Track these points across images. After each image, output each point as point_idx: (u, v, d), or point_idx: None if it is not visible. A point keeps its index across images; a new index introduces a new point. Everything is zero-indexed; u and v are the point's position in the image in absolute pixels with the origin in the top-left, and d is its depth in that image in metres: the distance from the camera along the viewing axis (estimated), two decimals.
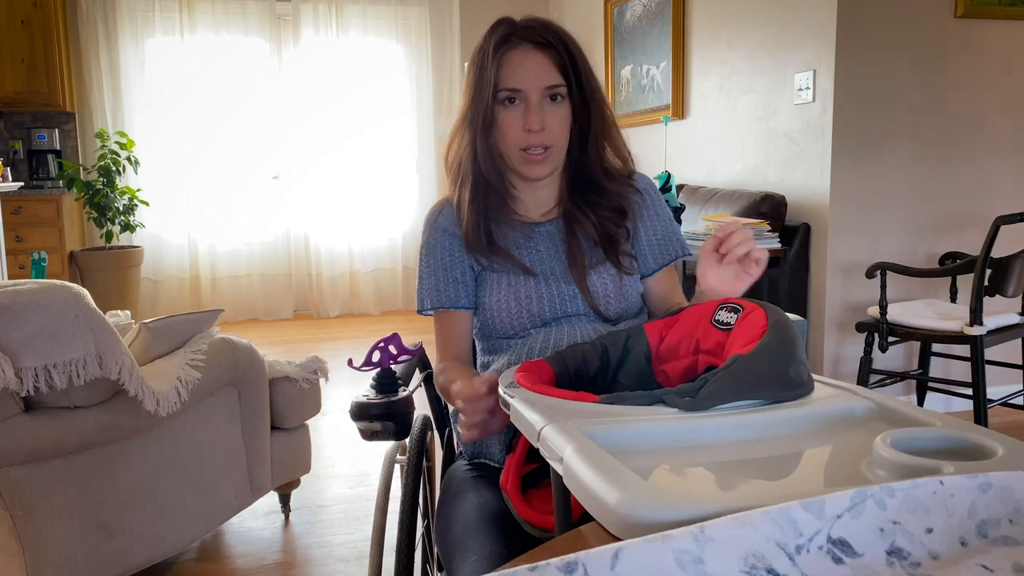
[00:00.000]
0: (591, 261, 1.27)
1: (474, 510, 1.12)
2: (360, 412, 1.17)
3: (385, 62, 5.68)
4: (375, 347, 1.24)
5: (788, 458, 0.73)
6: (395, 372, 1.21)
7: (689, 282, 2.97)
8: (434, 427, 1.48)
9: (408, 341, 1.35)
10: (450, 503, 1.20)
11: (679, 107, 4.14)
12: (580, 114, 1.24)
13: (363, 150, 5.67)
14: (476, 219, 1.26)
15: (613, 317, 1.27)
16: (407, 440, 1.35)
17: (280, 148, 5.53)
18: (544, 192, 1.31)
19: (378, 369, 1.20)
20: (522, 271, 1.26)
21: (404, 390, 1.26)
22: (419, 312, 1.32)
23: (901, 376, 3.09)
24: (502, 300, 1.25)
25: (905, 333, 2.79)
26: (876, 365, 3.02)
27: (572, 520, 0.79)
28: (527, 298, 1.25)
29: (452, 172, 1.29)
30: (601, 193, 1.29)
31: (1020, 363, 2.97)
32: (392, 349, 1.27)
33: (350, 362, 1.29)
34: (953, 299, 3.08)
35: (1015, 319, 2.77)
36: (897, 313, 2.83)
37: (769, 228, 2.90)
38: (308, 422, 2.41)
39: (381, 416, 1.17)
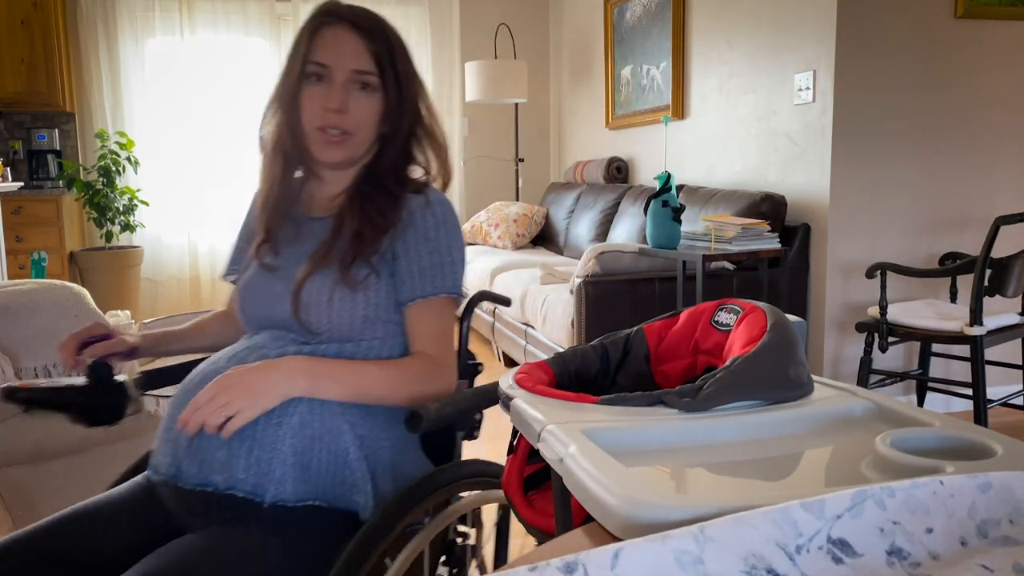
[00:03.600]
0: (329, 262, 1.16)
1: None
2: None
3: None
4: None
5: (788, 458, 0.73)
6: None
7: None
8: None
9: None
10: None
11: (679, 107, 4.14)
12: (392, 113, 1.18)
13: None
14: (271, 204, 1.23)
15: (317, 330, 1.14)
16: None
17: None
18: (331, 187, 1.23)
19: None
20: (262, 268, 1.22)
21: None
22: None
23: (901, 376, 3.09)
24: (238, 291, 1.27)
25: (905, 333, 2.79)
26: (876, 365, 3.02)
27: (572, 521, 0.79)
28: (248, 290, 1.23)
29: (264, 153, 1.24)
30: (385, 201, 1.18)
31: (1020, 363, 2.97)
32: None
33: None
34: (953, 299, 3.09)
35: (1015, 319, 2.77)
36: (897, 313, 2.83)
37: (769, 228, 2.90)
38: None
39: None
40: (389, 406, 1.14)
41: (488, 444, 2.92)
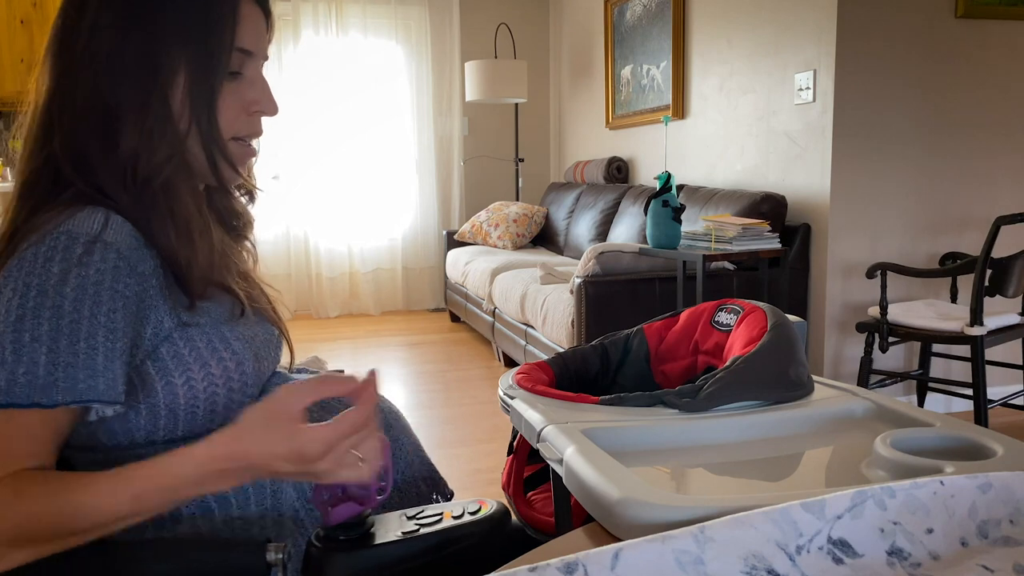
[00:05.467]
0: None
1: None
2: None
3: (385, 62, 5.68)
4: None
5: (788, 459, 0.73)
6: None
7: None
8: None
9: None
10: None
11: (679, 107, 4.14)
12: None
13: (363, 150, 5.67)
14: (204, 241, 0.80)
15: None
16: None
17: (280, 148, 5.54)
18: None
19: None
20: (239, 307, 0.83)
21: None
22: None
23: (901, 376, 3.09)
24: (229, 365, 0.78)
25: (905, 333, 2.79)
26: (876, 365, 3.02)
27: (572, 521, 0.79)
28: (263, 346, 0.85)
29: (140, 174, 0.78)
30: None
31: (1020, 363, 2.97)
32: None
33: None
34: (953, 299, 3.09)
35: (1015, 319, 2.77)
36: (897, 313, 2.83)
37: (769, 228, 2.90)
38: None
39: None
40: None
41: (488, 444, 2.95)
